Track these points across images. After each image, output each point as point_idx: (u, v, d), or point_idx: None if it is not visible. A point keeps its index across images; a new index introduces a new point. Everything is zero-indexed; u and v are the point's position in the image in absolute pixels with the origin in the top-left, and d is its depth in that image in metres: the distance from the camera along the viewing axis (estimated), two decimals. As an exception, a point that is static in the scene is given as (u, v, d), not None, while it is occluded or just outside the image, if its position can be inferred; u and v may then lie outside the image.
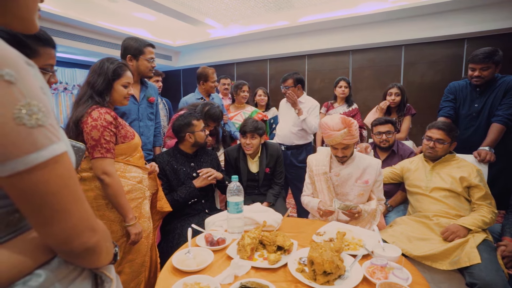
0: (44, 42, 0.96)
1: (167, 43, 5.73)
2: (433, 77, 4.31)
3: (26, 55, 0.87)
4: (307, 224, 1.56)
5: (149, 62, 1.94)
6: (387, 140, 2.22)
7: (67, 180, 0.45)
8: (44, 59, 0.96)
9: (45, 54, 0.96)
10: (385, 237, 1.57)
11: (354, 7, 4.17)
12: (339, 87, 3.10)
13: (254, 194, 2.28)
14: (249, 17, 4.77)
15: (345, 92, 3.07)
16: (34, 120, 0.39)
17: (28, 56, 0.88)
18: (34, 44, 0.93)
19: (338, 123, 1.62)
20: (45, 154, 0.41)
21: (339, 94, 3.10)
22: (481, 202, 1.64)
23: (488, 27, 3.68)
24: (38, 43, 0.94)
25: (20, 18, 0.48)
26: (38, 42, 0.94)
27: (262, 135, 2.17)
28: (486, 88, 2.15)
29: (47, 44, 0.97)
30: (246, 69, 5.94)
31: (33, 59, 0.87)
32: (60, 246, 0.46)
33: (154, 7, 4.00)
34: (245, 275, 1.04)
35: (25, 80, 0.40)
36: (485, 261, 1.35)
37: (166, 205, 1.72)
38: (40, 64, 0.94)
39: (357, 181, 1.71)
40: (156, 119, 2.20)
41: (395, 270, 1.01)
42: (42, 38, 0.95)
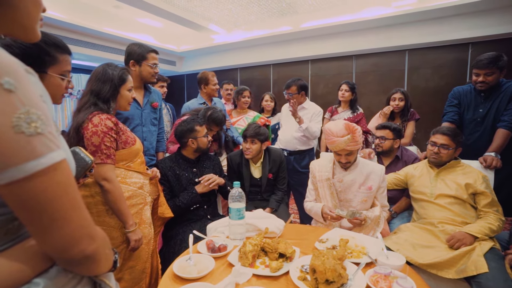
0: (62, 50, 0.99)
1: (171, 48, 5.78)
2: (437, 82, 4.28)
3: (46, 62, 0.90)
4: (309, 230, 1.54)
5: (152, 68, 1.96)
6: (379, 145, 2.21)
7: (66, 187, 0.44)
8: (63, 66, 0.99)
9: (63, 61, 0.99)
10: (389, 245, 1.54)
11: (357, 12, 4.18)
12: (340, 91, 3.09)
13: (257, 199, 2.27)
14: (253, 22, 4.80)
15: (345, 96, 3.04)
16: (33, 128, 0.40)
17: (48, 63, 0.93)
18: (54, 51, 0.96)
19: (341, 129, 1.61)
20: (44, 162, 0.41)
21: (340, 98, 3.10)
22: (487, 209, 1.61)
23: (493, 31, 3.66)
24: (57, 50, 0.97)
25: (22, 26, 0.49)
26: (57, 49, 0.97)
27: (263, 141, 2.16)
28: (491, 93, 2.13)
29: (65, 51, 1.00)
30: (249, 74, 5.96)
31: (53, 66, 0.94)
32: (59, 254, 0.45)
33: (159, 13, 4.05)
34: (246, 283, 1.02)
35: (24, 89, 0.40)
36: (493, 270, 1.32)
37: (168, 211, 1.71)
38: (59, 71, 0.97)
39: (360, 187, 1.70)
40: (160, 124, 2.21)
41: (399, 279, 0.99)
42: (61, 45, 0.99)
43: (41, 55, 0.93)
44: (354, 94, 3.07)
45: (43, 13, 0.53)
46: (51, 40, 0.96)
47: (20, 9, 0.47)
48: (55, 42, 0.97)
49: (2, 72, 0.38)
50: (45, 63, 0.94)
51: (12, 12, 0.47)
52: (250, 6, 4.12)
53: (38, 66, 0.92)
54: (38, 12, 0.51)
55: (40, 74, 0.91)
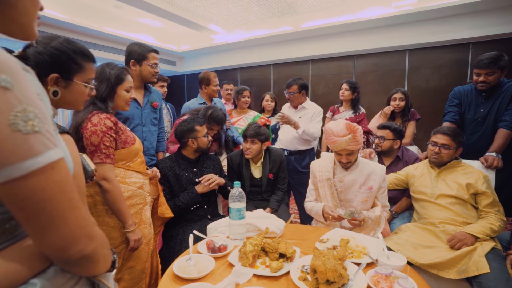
0: (88, 58, 1.01)
1: (171, 48, 5.78)
2: (437, 82, 4.28)
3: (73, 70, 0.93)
4: (310, 231, 1.54)
5: (152, 68, 1.95)
6: (379, 145, 2.21)
7: (64, 186, 0.44)
8: (88, 74, 1.01)
9: (89, 69, 1.01)
10: (390, 245, 1.54)
11: (357, 12, 4.18)
12: (340, 90, 3.06)
13: (257, 199, 2.26)
14: (253, 22, 4.80)
15: (345, 95, 3.01)
16: (30, 126, 0.39)
17: (74, 71, 0.95)
18: (80, 60, 0.98)
19: (342, 129, 1.61)
20: (41, 161, 0.40)
21: (340, 97, 3.08)
22: (488, 209, 1.60)
23: (493, 31, 3.65)
24: (84, 58, 0.99)
25: (19, 24, 0.48)
26: (84, 57, 0.99)
27: (263, 141, 2.15)
28: (492, 93, 2.13)
29: (91, 59, 1.02)
30: (249, 74, 5.96)
31: (78, 74, 0.97)
32: (57, 254, 0.45)
33: (159, 13, 4.05)
34: (247, 283, 1.02)
35: (21, 86, 0.39)
36: (494, 270, 1.32)
37: (168, 211, 1.71)
38: (84, 79, 1.00)
39: (361, 187, 1.69)
40: (160, 124, 2.21)
41: (400, 279, 0.99)
42: (87, 54, 1.01)
43: (69, 63, 0.95)
44: (355, 93, 3.02)
45: (40, 11, 0.53)
46: (78, 49, 0.99)
47: (17, 7, 0.47)
48: (82, 51, 1.00)
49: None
50: (72, 70, 0.96)
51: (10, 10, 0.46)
52: (250, 6, 4.12)
53: (65, 73, 0.94)
54: (36, 10, 0.51)
55: (66, 81, 0.95)
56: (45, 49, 0.91)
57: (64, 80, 0.93)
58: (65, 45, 0.95)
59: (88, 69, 1.01)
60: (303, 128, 2.57)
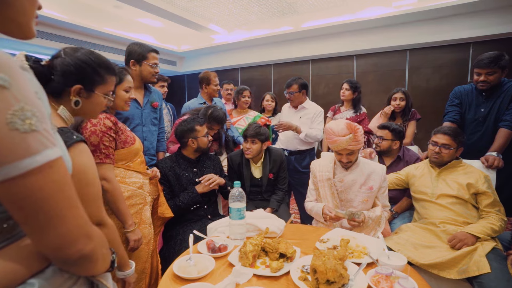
0: (111, 72, 1.05)
1: (171, 48, 5.78)
2: (438, 82, 4.27)
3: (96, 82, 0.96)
4: (310, 231, 1.53)
5: (152, 68, 1.95)
6: (378, 144, 2.20)
7: (62, 185, 0.44)
8: (109, 86, 1.04)
9: (110, 82, 1.05)
10: (390, 245, 1.53)
11: (358, 12, 4.17)
12: (341, 89, 3.05)
13: (257, 199, 2.26)
14: (253, 22, 4.80)
15: (345, 95, 3.00)
16: (28, 125, 0.39)
17: (97, 83, 0.98)
18: (104, 73, 1.01)
19: (343, 128, 1.60)
20: (39, 159, 0.40)
21: (341, 97, 3.07)
22: (489, 209, 1.60)
23: (494, 31, 3.65)
24: (107, 71, 1.02)
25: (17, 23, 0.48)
26: (107, 70, 1.02)
27: (264, 141, 2.15)
28: (493, 92, 2.12)
29: (113, 73, 1.06)
30: (250, 74, 5.96)
31: (100, 86, 1.00)
32: (55, 253, 0.45)
33: (159, 13, 4.05)
34: (247, 283, 1.02)
35: (19, 85, 0.39)
36: (495, 270, 1.31)
37: (168, 211, 1.70)
38: (105, 91, 1.03)
39: (361, 187, 1.69)
40: (160, 124, 2.21)
41: (400, 279, 0.98)
42: (110, 67, 1.04)
43: (93, 75, 0.98)
44: (356, 93, 3.00)
45: (38, 10, 0.53)
46: (103, 62, 1.01)
47: (15, 6, 0.47)
48: (106, 64, 1.03)
49: None
50: (95, 82, 0.99)
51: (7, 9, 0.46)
52: (251, 6, 4.12)
53: (88, 84, 0.97)
54: (34, 9, 0.51)
55: (88, 92, 0.98)
56: (72, 61, 0.94)
57: (86, 91, 0.97)
58: (91, 57, 0.98)
59: (109, 81, 1.04)
60: (305, 132, 2.57)
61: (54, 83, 0.91)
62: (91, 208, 0.85)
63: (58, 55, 0.95)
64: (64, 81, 0.92)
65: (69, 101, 0.94)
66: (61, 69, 0.92)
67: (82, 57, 0.96)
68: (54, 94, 0.93)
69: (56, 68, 0.92)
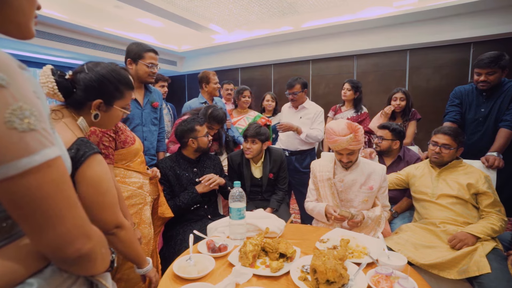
0: (130, 87, 1.10)
1: (172, 48, 5.79)
2: (438, 82, 4.27)
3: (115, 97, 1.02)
4: (310, 231, 1.53)
5: (148, 68, 1.92)
6: (378, 144, 2.20)
7: (60, 185, 0.44)
8: (126, 100, 1.10)
9: (128, 96, 1.10)
10: (390, 245, 1.53)
11: (358, 12, 4.17)
12: (342, 90, 3.04)
13: (258, 199, 2.26)
14: (253, 22, 4.80)
15: (347, 95, 2.99)
16: (26, 124, 0.39)
17: (116, 98, 1.03)
18: (123, 88, 1.07)
19: (344, 128, 1.60)
20: (37, 159, 0.40)
21: (342, 97, 3.06)
22: (489, 210, 1.60)
23: (494, 31, 3.64)
24: (126, 87, 1.08)
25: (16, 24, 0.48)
26: (126, 86, 1.08)
27: (264, 141, 2.15)
28: (493, 92, 2.12)
29: (131, 88, 1.11)
30: (250, 74, 5.96)
31: (119, 101, 1.06)
32: (54, 253, 0.45)
33: (159, 13, 4.05)
34: (247, 283, 1.02)
35: (17, 84, 0.39)
36: (496, 270, 1.31)
37: (168, 211, 1.70)
38: (122, 104, 1.08)
39: (361, 187, 1.69)
40: (160, 124, 2.20)
41: (400, 279, 0.98)
42: (129, 82, 1.10)
43: (113, 91, 1.03)
44: (357, 93, 2.99)
45: (37, 10, 0.53)
46: (123, 78, 1.06)
47: (14, 6, 0.47)
48: (126, 80, 1.08)
49: None
50: (114, 97, 1.04)
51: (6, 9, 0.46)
52: (251, 6, 4.12)
53: (108, 99, 1.02)
54: (32, 9, 0.51)
55: (107, 107, 1.03)
56: (95, 77, 0.98)
57: (105, 105, 1.02)
58: (113, 74, 1.03)
59: (127, 96, 1.09)
60: (305, 132, 2.57)
61: (76, 96, 0.97)
62: (109, 214, 0.90)
63: (81, 70, 0.99)
64: (86, 95, 0.97)
65: (88, 113, 1.00)
66: (84, 84, 0.97)
67: (104, 73, 1.00)
68: (75, 106, 0.98)
69: (79, 82, 0.97)
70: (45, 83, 0.90)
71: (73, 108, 0.98)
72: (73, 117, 0.96)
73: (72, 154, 0.83)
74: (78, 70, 0.99)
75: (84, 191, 0.84)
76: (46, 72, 0.91)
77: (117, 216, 0.93)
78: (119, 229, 0.94)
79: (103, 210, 0.88)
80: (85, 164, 0.84)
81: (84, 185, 0.84)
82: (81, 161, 0.83)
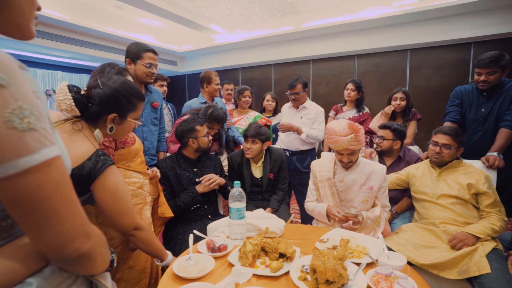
0: (141, 99, 1.16)
1: (172, 48, 5.79)
2: (439, 82, 4.26)
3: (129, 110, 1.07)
4: (310, 231, 1.53)
5: (146, 68, 1.91)
6: (378, 144, 2.20)
7: (60, 184, 0.44)
8: (138, 112, 1.16)
9: (140, 108, 1.16)
10: (390, 245, 1.53)
11: (359, 12, 4.17)
12: (346, 90, 3.00)
13: (258, 199, 2.26)
14: (254, 22, 4.80)
15: (351, 95, 2.96)
16: (26, 124, 0.39)
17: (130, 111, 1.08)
18: (136, 101, 1.12)
19: (345, 128, 1.60)
20: (37, 158, 0.40)
21: (345, 97, 3.03)
22: (490, 210, 1.60)
23: (495, 31, 3.64)
24: (138, 99, 1.13)
25: (16, 24, 0.48)
26: (138, 99, 1.14)
27: (264, 141, 2.15)
28: (493, 92, 2.12)
29: (142, 100, 1.17)
30: (250, 74, 5.96)
31: (132, 113, 1.12)
32: (53, 252, 0.45)
33: (160, 13, 4.05)
34: (247, 282, 1.02)
35: (17, 84, 0.39)
36: (496, 271, 1.31)
37: (168, 211, 1.70)
38: (135, 116, 1.15)
39: (361, 187, 1.69)
40: (160, 124, 2.21)
41: (400, 280, 0.98)
42: (140, 95, 1.15)
43: (127, 105, 1.09)
44: (360, 93, 2.98)
45: (38, 11, 0.53)
46: (135, 92, 1.12)
47: (14, 7, 0.47)
48: (138, 93, 1.13)
49: None
50: (128, 110, 1.10)
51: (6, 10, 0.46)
52: (251, 6, 4.12)
53: (122, 112, 1.08)
54: (33, 10, 0.51)
55: (121, 119, 1.09)
56: (110, 92, 1.04)
57: (120, 118, 1.08)
58: (126, 88, 1.08)
59: (139, 108, 1.15)
60: (306, 132, 2.57)
61: (91, 110, 1.03)
62: (127, 218, 0.99)
63: (95, 85, 1.04)
64: (102, 110, 1.03)
65: (103, 126, 1.06)
66: (99, 99, 1.02)
67: (118, 88, 1.06)
68: (91, 119, 1.04)
69: (94, 97, 1.02)
70: (63, 100, 0.95)
71: (89, 121, 1.04)
72: (90, 128, 1.03)
73: (92, 165, 0.92)
74: (93, 85, 1.04)
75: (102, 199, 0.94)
76: (64, 89, 0.95)
77: (134, 219, 1.02)
78: (138, 231, 1.04)
79: (121, 215, 0.98)
80: (103, 175, 0.93)
81: (102, 194, 0.93)
82: (99, 172, 0.92)
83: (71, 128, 0.99)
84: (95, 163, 0.93)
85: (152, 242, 1.13)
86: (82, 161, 0.92)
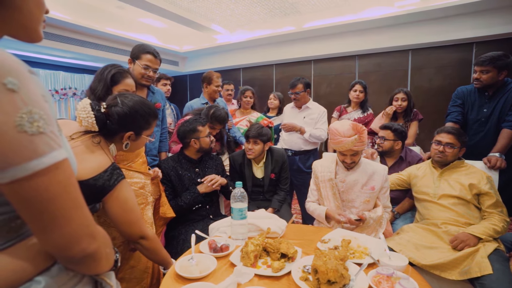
0: (156, 117, 1.22)
1: (174, 48, 5.80)
2: (441, 82, 4.25)
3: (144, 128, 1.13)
4: (312, 231, 1.54)
5: (142, 69, 1.89)
6: (380, 145, 2.20)
7: (67, 186, 0.45)
8: (152, 129, 1.22)
9: (153, 126, 1.22)
10: (392, 245, 1.53)
11: (360, 12, 4.17)
12: (353, 91, 2.91)
13: (259, 199, 2.26)
14: (255, 22, 4.80)
15: (360, 97, 2.90)
16: (35, 128, 0.40)
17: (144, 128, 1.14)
18: (151, 120, 1.18)
19: (348, 129, 1.60)
20: (46, 161, 0.41)
21: (353, 99, 2.94)
22: (491, 210, 1.60)
23: (497, 31, 3.63)
24: (153, 118, 1.19)
25: (24, 27, 0.49)
26: (154, 117, 1.20)
27: (266, 142, 2.15)
28: (495, 92, 2.11)
29: (156, 117, 1.23)
30: (252, 74, 5.96)
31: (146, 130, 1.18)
32: (60, 252, 0.46)
33: (161, 13, 4.06)
34: (248, 282, 1.02)
35: (27, 89, 0.40)
36: (497, 272, 1.31)
37: (169, 211, 1.71)
38: (148, 133, 1.21)
39: (363, 187, 1.69)
40: (162, 124, 2.21)
41: (401, 280, 0.99)
42: (156, 114, 1.21)
43: (143, 123, 1.15)
44: (365, 93, 2.95)
45: (46, 14, 0.54)
46: (151, 110, 1.17)
47: (23, 10, 0.48)
48: (154, 112, 1.19)
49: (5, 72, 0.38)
50: (143, 129, 1.17)
51: (15, 13, 0.47)
52: (253, 6, 4.12)
53: (138, 131, 1.14)
54: (41, 13, 0.51)
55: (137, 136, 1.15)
56: (129, 112, 1.09)
57: (135, 135, 1.14)
58: (144, 108, 1.14)
59: (153, 126, 1.21)
60: (309, 132, 2.57)
61: (109, 127, 1.08)
62: (134, 228, 1.06)
63: (115, 103, 1.09)
64: (120, 128, 1.09)
65: (119, 141, 1.12)
66: (118, 117, 1.08)
67: (137, 107, 1.11)
68: (108, 135, 1.09)
69: (113, 115, 1.07)
70: (85, 118, 1.00)
71: (105, 136, 1.09)
72: (106, 143, 1.09)
73: (107, 177, 0.98)
74: (112, 104, 1.09)
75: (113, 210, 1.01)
76: (87, 108, 1.00)
77: (141, 229, 1.08)
78: (143, 240, 1.10)
79: (129, 226, 1.05)
80: (116, 188, 1.00)
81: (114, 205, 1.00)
82: (112, 186, 0.99)
83: (91, 141, 1.04)
84: (110, 176, 0.99)
85: (158, 251, 1.17)
86: (99, 172, 0.97)
